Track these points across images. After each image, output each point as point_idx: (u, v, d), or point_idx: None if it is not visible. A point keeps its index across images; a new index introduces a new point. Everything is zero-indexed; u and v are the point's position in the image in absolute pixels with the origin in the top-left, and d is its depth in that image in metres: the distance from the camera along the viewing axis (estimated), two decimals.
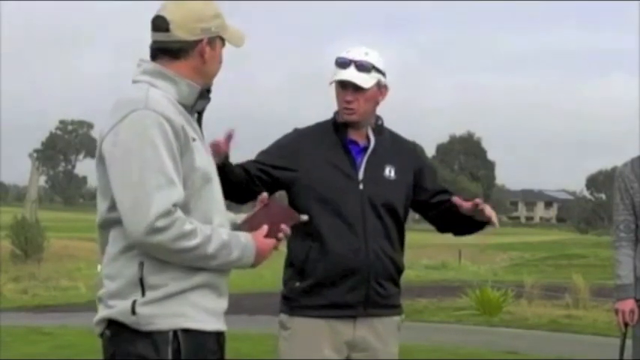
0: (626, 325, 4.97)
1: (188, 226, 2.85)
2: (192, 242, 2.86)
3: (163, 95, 2.98)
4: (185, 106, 3.03)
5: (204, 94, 3.07)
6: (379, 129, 3.99)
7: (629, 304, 4.94)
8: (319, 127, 3.99)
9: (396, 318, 4.00)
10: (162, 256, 2.88)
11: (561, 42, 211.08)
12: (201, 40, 3.03)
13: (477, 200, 3.83)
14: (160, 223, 2.81)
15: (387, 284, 3.92)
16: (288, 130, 4.03)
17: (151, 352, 2.89)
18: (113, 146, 2.90)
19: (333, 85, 3.92)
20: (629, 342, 5.07)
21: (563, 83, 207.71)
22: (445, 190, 4.08)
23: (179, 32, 3.02)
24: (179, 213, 2.85)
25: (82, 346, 11.04)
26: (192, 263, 2.90)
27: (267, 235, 3.07)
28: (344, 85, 3.87)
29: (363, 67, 3.86)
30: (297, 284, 3.84)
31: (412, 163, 4.04)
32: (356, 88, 3.85)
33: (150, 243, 2.84)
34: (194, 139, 2.98)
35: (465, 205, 3.82)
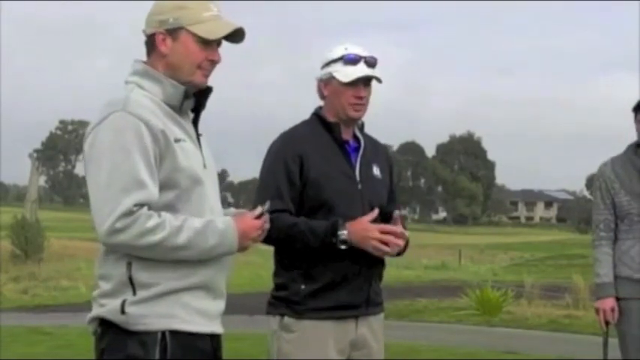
0: (607, 323, 4.99)
1: (151, 222, 2.85)
2: (157, 236, 2.85)
3: (147, 96, 2.99)
4: (172, 106, 3.03)
5: (190, 94, 3.05)
6: (362, 128, 4.00)
7: (609, 303, 4.96)
8: (307, 127, 3.94)
9: (382, 314, 4.04)
10: (134, 253, 2.88)
11: (562, 42, 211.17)
12: (156, 33, 3.03)
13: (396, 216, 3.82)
14: (119, 224, 2.82)
15: (378, 282, 3.97)
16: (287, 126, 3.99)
17: (139, 352, 2.90)
18: (90, 148, 2.94)
19: (332, 83, 3.88)
20: (612, 341, 5.07)
21: (564, 83, 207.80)
22: (395, 199, 4.10)
23: (144, 27, 3.07)
24: (142, 211, 2.85)
25: (82, 346, 11.03)
26: (167, 256, 2.90)
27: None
28: (355, 82, 3.85)
29: (372, 63, 3.87)
30: (303, 287, 3.80)
31: (388, 164, 4.08)
32: (366, 85, 3.86)
33: (112, 243, 2.87)
34: (178, 140, 2.97)
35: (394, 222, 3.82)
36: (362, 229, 3.71)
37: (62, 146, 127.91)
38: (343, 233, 3.69)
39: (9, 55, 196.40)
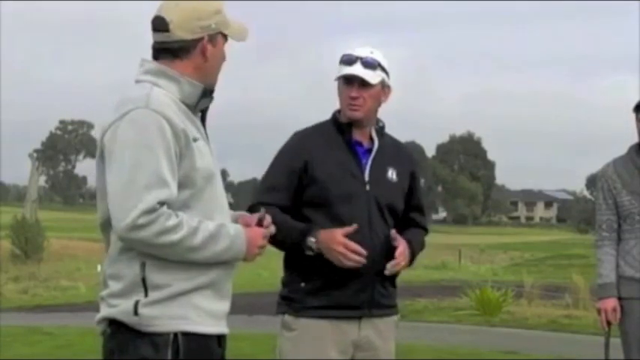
0: (609, 323, 4.99)
1: (171, 222, 2.85)
2: (176, 236, 2.86)
3: (166, 95, 2.98)
4: (188, 105, 3.03)
5: (207, 92, 3.06)
6: (381, 131, 3.98)
7: (610, 303, 4.96)
8: (321, 127, 3.96)
9: (394, 317, 4.01)
10: (149, 251, 2.88)
11: (562, 43, 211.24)
12: (202, 39, 3.02)
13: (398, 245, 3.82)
14: (142, 221, 2.82)
15: (387, 285, 3.93)
16: (288, 127, 4.01)
17: (151, 353, 2.90)
18: (111, 143, 2.93)
19: (336, 83, 3.89)
20: (613, 341, 5.07)
21: (564, 84, 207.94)
22: (421, 207, 4.11)
23: (179, 32, 3.02)
24: (163, 209, 2.85)
25: (82, 346, 11.04)
26: (180, 256, 2.90)
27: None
28: (349, 82, 3.84)
29: (370, 64, 3.84)
30: (302, 285, 3.81)
31: (409, 168, 4.05)
32: (362, 85, 3.83)
33: (132, 239, 2.86)
34: (195, 139, 2.98)
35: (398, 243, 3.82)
36: (329, 239, 3.70)
37: (62, 146, 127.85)
38: (311, 240, 3.71)
39: (9, 55, 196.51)
